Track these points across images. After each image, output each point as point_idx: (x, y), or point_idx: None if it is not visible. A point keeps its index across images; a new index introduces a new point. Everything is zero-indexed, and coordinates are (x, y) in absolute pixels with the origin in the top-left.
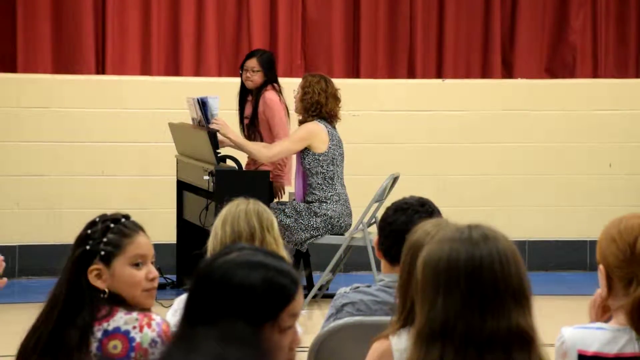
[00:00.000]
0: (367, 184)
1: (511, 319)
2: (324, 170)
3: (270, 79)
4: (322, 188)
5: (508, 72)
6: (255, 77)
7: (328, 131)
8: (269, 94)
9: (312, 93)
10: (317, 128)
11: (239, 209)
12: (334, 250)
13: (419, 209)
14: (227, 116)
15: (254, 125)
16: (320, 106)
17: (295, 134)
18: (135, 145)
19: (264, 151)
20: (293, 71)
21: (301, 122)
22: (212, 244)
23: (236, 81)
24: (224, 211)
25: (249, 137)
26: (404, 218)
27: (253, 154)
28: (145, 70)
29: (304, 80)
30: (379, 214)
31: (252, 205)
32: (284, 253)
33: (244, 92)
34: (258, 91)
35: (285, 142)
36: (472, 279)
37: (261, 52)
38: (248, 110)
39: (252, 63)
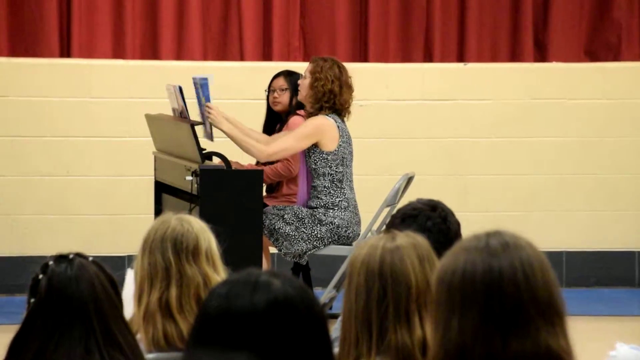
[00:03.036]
0: (376, 186)
1: (539, 340)
2: (332, 172)
3: (299, 103)
4: (329, 192)
5: (541, 54)
6: (284, 98)
7: (338, 126)
8: (295, 118)
9: (325, 80)
10: (326, 123)
11: (157, 235)
12: (338, 262)
13: (431, 214)
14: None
15: None
16: (334, 96)
17: (301, 130)
18: (106, 140)
19: (262, 148)
20: (290, 54)
21: (310, 115)
22: (134, 276)
23: (224, 66)
24: (146, 233)
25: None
26: (414, 227)
27: (249, 151)
28: (118, 52)
29: (313, 64)
30: None
31: (171, 230)
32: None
33: (270, 119)
34: (286, 117)
35: (289, 139)
36: (491, 294)
37: (290, 72)
38: None
39: (280, 82)
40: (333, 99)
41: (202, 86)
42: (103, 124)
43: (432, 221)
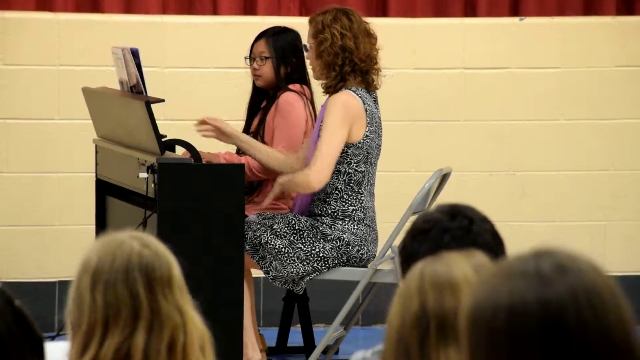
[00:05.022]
0: (399, 186)
1: None
2: (350, 170)
3: (289, 75)
4: (342, 197)
5: (627, 6)
6: (265, 70)
7: (366, 109)
8: (288, 96)
9: (332, 38)
10: (354, 102)
11: (118, 264)
12: (347, 290)
13: (449, 225)
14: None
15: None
16: (350, 54)
17: (330, 120)
18: (29, 123)
19: (306, 173)
20: (281, 5)
21: (330, 92)
22: (74, 317)
23: (189, 22)
24: (92, 260)
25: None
26: (427, 245)
27: (297, 184)
28: (44, 2)
29: (312, 24)
30: None
31: (138, 256)
32: (195, 319)
33: (257, 96)
34: (274, 93)
35: (324, 141)
36: (549, 337)
37: (275, 31)
38: (258, 121)
39: (260, 47)
40: (350, 57)
41: (133, 57)
42: (24, 101)
43: (451, 234)
